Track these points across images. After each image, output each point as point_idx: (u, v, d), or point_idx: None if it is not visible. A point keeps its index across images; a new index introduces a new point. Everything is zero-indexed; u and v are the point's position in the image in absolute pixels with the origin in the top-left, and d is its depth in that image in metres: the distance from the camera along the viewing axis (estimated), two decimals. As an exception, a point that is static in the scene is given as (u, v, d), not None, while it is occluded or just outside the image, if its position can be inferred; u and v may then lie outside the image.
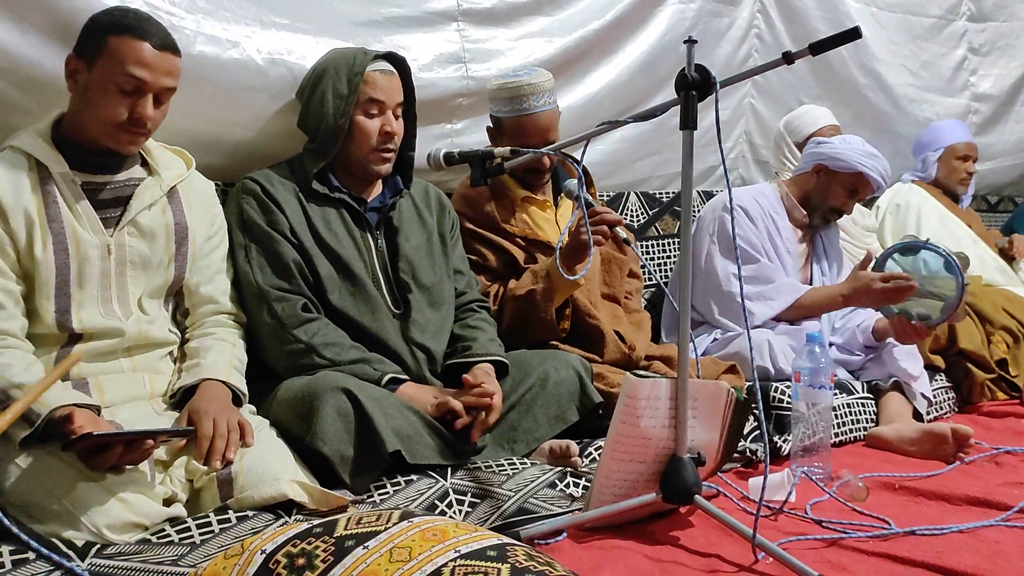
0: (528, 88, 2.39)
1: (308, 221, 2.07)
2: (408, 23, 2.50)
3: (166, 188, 1.86)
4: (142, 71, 1.69)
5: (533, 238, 2.47)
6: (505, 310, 2.37)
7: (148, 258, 1.81)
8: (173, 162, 1.92)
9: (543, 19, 2.82)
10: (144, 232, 1.81)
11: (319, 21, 2.31)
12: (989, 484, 2.12)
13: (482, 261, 2.45)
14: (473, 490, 1.83)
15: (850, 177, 2.80)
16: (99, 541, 1.46)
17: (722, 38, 3.34)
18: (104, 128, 1.72)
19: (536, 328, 2.34)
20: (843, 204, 2.86)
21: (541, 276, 2.32)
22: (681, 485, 1.74)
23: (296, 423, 1.80)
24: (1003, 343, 3.02)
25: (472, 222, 2.46)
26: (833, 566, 1.64)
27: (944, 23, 4.14)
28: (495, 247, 2.46)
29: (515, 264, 2.45)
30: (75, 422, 1.50)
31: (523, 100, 2.40)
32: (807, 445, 2.15)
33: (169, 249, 1.85)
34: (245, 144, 2.26)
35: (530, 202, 2.54)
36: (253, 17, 2.20)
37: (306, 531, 1.21)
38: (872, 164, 2.76)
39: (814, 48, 1.64)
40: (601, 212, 2.21)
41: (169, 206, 1.86)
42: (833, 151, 2.82)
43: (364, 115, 2.08)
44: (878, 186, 2.80)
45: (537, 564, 1.14)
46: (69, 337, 1.73)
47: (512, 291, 2.37)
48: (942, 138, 3.79)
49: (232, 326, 1.97)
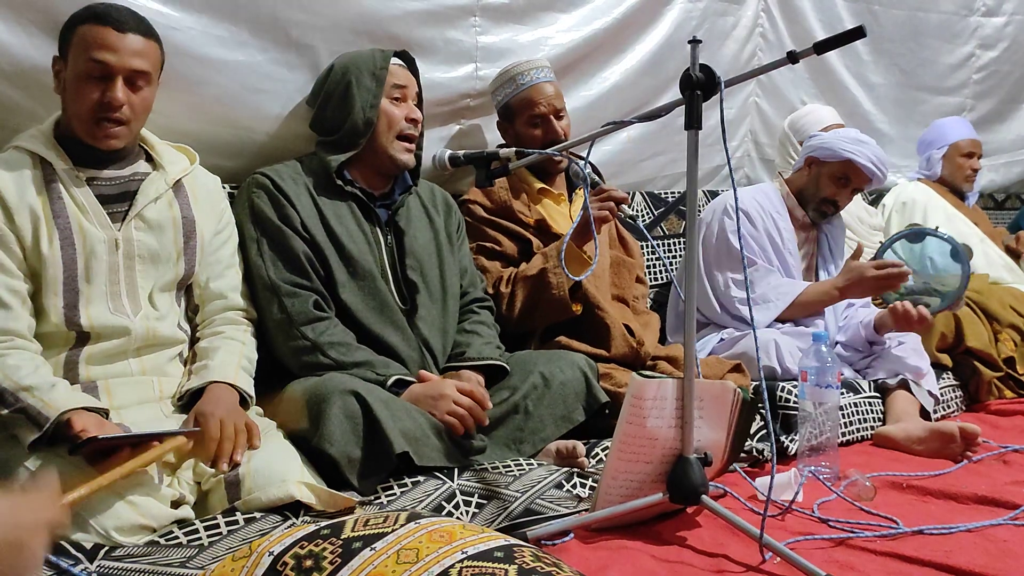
0: (525, 65, 2.54)
1: (320, 215, 2.08)
2: (426, 18, 2.48)
3: (171, 182, 1.86)
4: (106, 54, 1.70)
5: (547, 229, 2.50)
6: (517, 290, 2.38)
7: (157, 252, 1.82)
8: (177, 157, 1.92)
9: (560, 15, 2.81)
10: (151, 226, 1.81)
11: (331, 16, 2.30)
12: (997, 483, 2.12)
13: (497, 247, 2.48)
14: (480, 491, 1.84)
15: (839, 166, 2.79)
16: (107, 543, 1.46)
17: (727, 37, 3.33)
18: (82, 122, 1.73)
19: (548, 307, 2.35)
20: (834, 194, 2.84)
21: (552, 256, 2.34)
22: (688, 485, 1.74)
23: (303, 425, 1.81)
24: (1010, 341, 3.01)
25: (488, 211, 2.50)
26: (841, 566, 1.64)
27: (956, 19, 4.10)
28: (511, 234, 2.49)
29: (529, 251, 2.47)
30: (77, 427, 1.51)
31: (522, 76, 2.52)
32: (814, 444, 2.15)
33: (178, 243, 1.85)
34: (259, 146, 2.28)
35: (545, 194, 2.57)
36: (267, 13, 2.20)
37: (313, 533, 1.21)
38: (858, 150, 2.74)
39: (818, 47, 1.64)
40: (608, 189, 2.26)
41: (176, 200, 1.86)
42: (820, 141, 2.83)
43: (390, 102, 2.14)
44: (872, 174, 2.76)
45: (544, 565, 1.14)
46: (77, 336, 1.74)
47: (523, 272, 2.39)
48: (946, 135, 3.78)
49: (242, 323, 1.97)
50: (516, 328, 2.40)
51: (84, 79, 1.71)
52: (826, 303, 2.74)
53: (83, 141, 1.76)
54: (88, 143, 1.75)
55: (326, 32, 2.29)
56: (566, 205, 2.61)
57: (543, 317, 2.38)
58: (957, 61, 4.15)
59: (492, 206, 2.50)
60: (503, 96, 2.55)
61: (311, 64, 2.28)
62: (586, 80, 2.94)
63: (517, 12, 2.71)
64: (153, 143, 1.89)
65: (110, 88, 1.71)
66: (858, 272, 2.62)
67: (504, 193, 2.50)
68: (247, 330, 1.97)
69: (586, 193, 2.06)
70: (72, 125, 1.75)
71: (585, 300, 2.40)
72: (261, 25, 2.19)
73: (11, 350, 1.64)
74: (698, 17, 3.19)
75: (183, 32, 2.06)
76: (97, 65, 1.70)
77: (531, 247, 2.46)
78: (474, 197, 2.50)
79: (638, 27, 3.04)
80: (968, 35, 4.16)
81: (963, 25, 4.13)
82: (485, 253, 2.46)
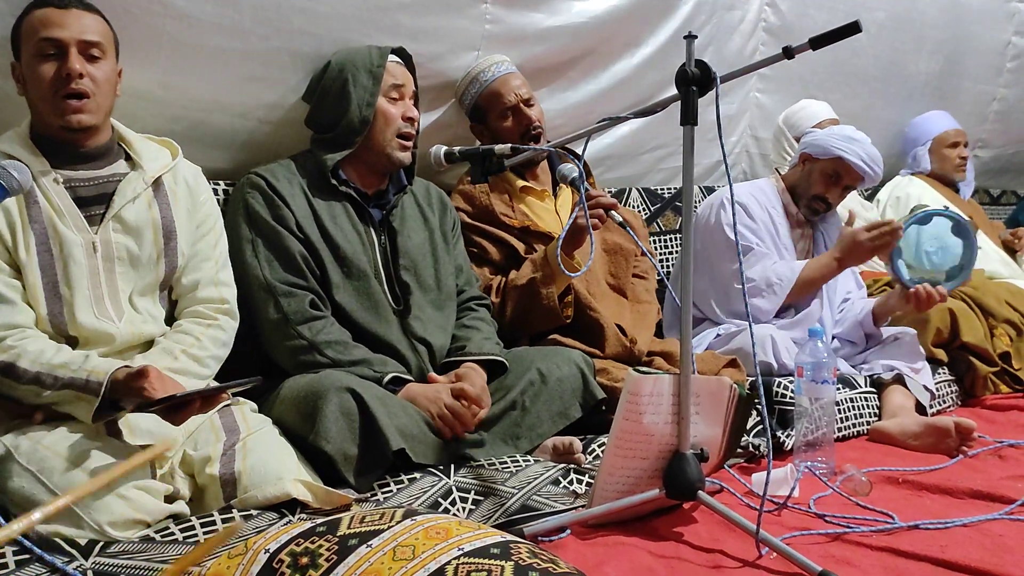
0: (485, 63, 2.55)
1: (314, 215, 2.07)
2: (434, 5, 2.45)
3: (150, 180, 1.82)
4: (53, 30, 1.70)
5: (534, 229, 2.49)
6: (508, 300, 2.38)
7: (136, 254, 1.78)
8: (158, 153, 1.89)
9: (574, 3, 2.76)
10: (129, 227, 1.78)
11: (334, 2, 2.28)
12: (992, 478, 2.12)
13: (483, 254, 2.47)
14: (476, 488, 1.84)
15: (830, 163, 2.78)
16: (102, 539, 1.46)
17: (734, 31, 3.30)
18: (46, 103, 1.71)
19: (539, 316, 2.34)
20: (825, 191, 2.82)
21: (540, 263, 2.33)
22: (684, 481, 1.74)
23: (299, 422, 1.81)
24: (1006, 336, 3.01)
25: (472, 216, 2.48)
26: (837, 560, 1.64)
27: (997, 3, 4.07)
28: (495, 239, 2.47)
29: (516, 256, 2.46)
30: (149, 376, 1.55)
31: (484, 73, 2.53)
32: (810, 440, 2.15)
33: (157, 244, 1.82)
34: (261, 136, 2.27)
35: (528, 192, 2.56)
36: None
37: (309, 530, 1.21)
38: (849, 147, 2.72)
39: (814, 43, 1.64)
40: (596, 195, 2.23)
41: (155, 200, 1.82)
42: (812, 138, 2.82)
43: (387, 100, 2.13)
44: (863, 172, 2.75)
45: (540, 561, 1.14)
46: (66, 341, 1.72)
47: (513, 281, 2.38)
48: (928, 130, 3.81)
49: (208, 317, 1.86)
50: (508, 333, 2.39)
51: (39, 60, 1.70)
52: (827, 276, 2.73)
53: (57, 139, 1.74)
54: (59, 130, 1.72)
55: (330, 20, 2.25)
56: (550, 200, 2.59)
57: (534, 325, 2.38)
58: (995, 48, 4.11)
59: (475, 211, 2.49)
60: (470, 97, 2.54)
61: (313, 53, 2.25)
62: (595, 74, 2.93)
63: (531, 2, 2.67)
64: (132, 141, 1.85)
65: (66, 61, 1.70)
66: (851, 238, 2.63)
67: (485, 198, 2.49)
68: (211, 324, 1.86)
69: (582, 198, 2.05)
70: (42, 118, 1.74)
71: (577, 301, 2.39)
72: (263, 11, 2.16)
73: (25, 339, 1.64)
74: (707, 11, 3.16)
75: (185, 21, 2.04)
76: (48, 43, 1.70)
77: (517, 252, 2.45)
78: (457, 204, 2.48)
79: (649, 21, 3.01)
80: (1007, 21, 4.12)
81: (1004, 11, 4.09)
82: (472, 259, 2.44)
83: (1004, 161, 4.58)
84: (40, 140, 1.75)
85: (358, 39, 2.26)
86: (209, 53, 2.11)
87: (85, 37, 1.72)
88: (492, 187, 2.52)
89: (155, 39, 2.01)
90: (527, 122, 2.50)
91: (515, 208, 2.52)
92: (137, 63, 1.94)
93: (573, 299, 2.38)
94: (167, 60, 2.06)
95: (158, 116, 2.10)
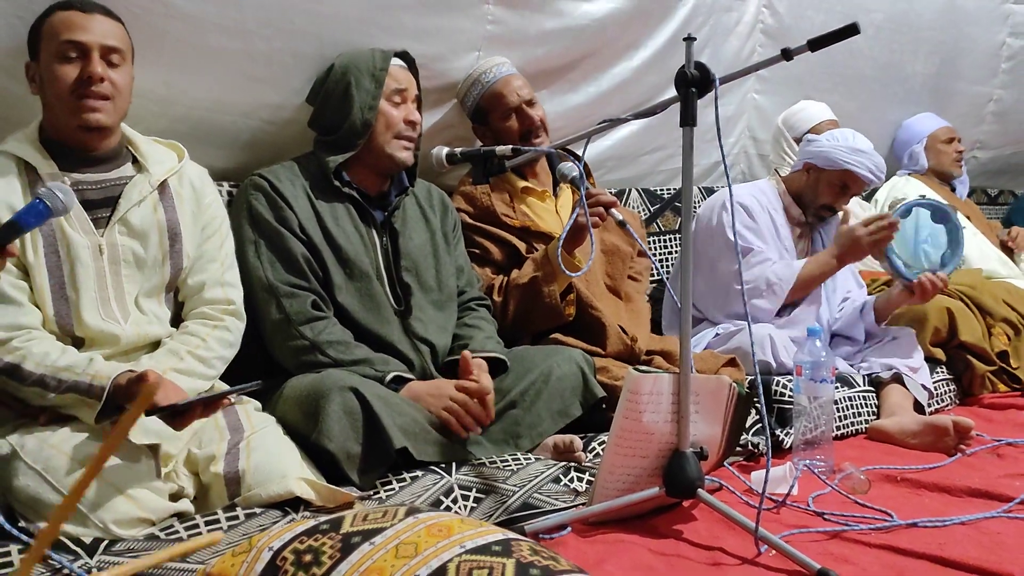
0: (486, 64, 2.56)
1: (317, 217, 2.08)
2: (436, 5, 2.45)
3: (156, 183, 1.83)
4: (76, 33, 1.71)
5: (534, 229, 2.50)
6: (510, 299, 2.39)
7: (142, 257, 1.79)
8: (164, 156, 1.89)
9: (574, 5, 2.77)
10: (135, 230, 1.78)
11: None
12: (990, 476, 2.13)
13: (485, 254, 2.48)
14: (478, 486, 1.85)
15: (838, 175, 2.78)
16: (107, 537, 1.47)
17: (731, 33, 3.31)
18: (65, 104, 1.71)
19: (541, 314, 2.35)
20: (834, 201, 2.84)
21: (541, 262, 2.34)
22: (684, 479, 1.75)
23: (302, 421, 1.82)
24: (1004, 335, 3.02)
25: (473, 217, 2.49)
26: (835, 558, 1.65)
27: (993, 5, 4.08)
28: (497, 239, 2.49)
29: (517, 255, 2.47)
30: (150, 379, 1.57)
31: (486, 74, 2.55)
32: (809, 438, 2.16)
33: (163, 246, 1.83)
34: (256, 138, 2.27)
35: (529, 193, 2.57)
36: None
37: (313, 528, 1.22)
38: (858, 160, 2.73)
39: (812, 44, 1.65)
40: (596, 194, 2.24)
41: (160, 203, 1.83)
42: (819, 149, 2.79)
43: (389, 104, 2.14)
44: (870, 182, 2.77)
45: (541, 558, 1.15)
46: (72, 342, 1.73)
47: (515, 280, 2.39)
48: (921, 129, 3.84)
49: (214, 317, 1.87)
50: (510, 333, 2.40)
51: (60, 62, 1.71)
52: (827, 274, 2.74)
53: (68, 142, 1.75)
54: (74, 130, 1.73)
55: (332, 21, 2.26)
56: (551, 200, 2.60)
57: (536, 324, 2.39)
58: (990, 49, 4.13)
59: (476, 212, 2.50)
60: (472, 99, 2.56)
61: (316, 54, 2.25)
62: (595, 76, 2.94)
63: (533, 4, 2.67)
64: (139, 143, 1.86)
65: (88, 64, 1.71)
66: (849, 235, 2.64)
67: (487, 198, 2.50)
68: (217, 325, 1.86)
69: (583, 198, 2.06)
70: (56, 118, 1.75)
71: (578, 300, 2.40)
72: (266, 12, 2.17)
73: (31, 341, 1.64)
74: (705, 13, 3.17)
75: (187, 22, 2.05)
76: (71, 45, 1.71)
77: (518, 252, 2.46)
78: (458, 204, 2.49)
79: (648, 23, 3.02)
80: (1002, 23, 4.14)
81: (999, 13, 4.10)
82: (474, 259, 2.45)
83: (1002, 162, 4.59)
84: (49, 143, 1.76)
85: (360, 40, 2.26)
86: (212, 53, 2.12)
87: (107, 42, 1.74)
88: (493, 188, 2.53)
89: (158, 39, 2.02)
90: (530, 122, 2.51)
91: (516, 208, 2.53)
92: (140, 63, 1.94)
93: (575, 297, 2.39)
94: (170, 60, 2.07)
95: (161, 116, 2.11)
